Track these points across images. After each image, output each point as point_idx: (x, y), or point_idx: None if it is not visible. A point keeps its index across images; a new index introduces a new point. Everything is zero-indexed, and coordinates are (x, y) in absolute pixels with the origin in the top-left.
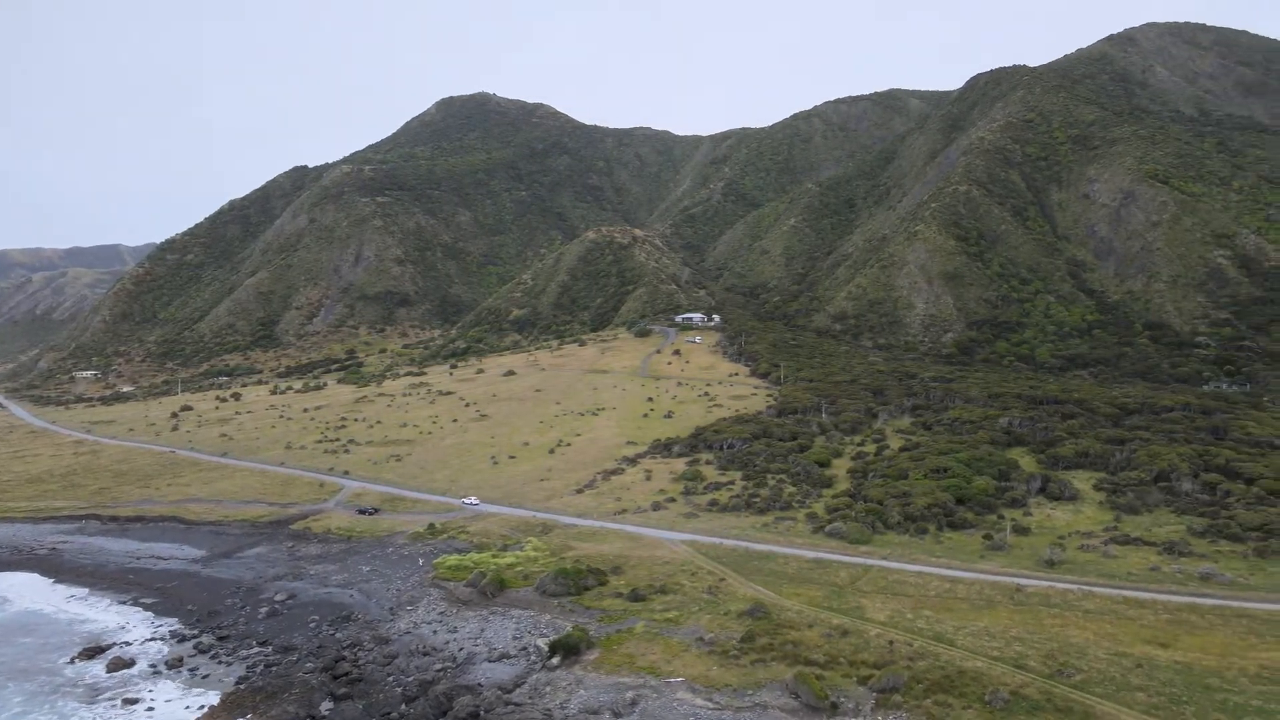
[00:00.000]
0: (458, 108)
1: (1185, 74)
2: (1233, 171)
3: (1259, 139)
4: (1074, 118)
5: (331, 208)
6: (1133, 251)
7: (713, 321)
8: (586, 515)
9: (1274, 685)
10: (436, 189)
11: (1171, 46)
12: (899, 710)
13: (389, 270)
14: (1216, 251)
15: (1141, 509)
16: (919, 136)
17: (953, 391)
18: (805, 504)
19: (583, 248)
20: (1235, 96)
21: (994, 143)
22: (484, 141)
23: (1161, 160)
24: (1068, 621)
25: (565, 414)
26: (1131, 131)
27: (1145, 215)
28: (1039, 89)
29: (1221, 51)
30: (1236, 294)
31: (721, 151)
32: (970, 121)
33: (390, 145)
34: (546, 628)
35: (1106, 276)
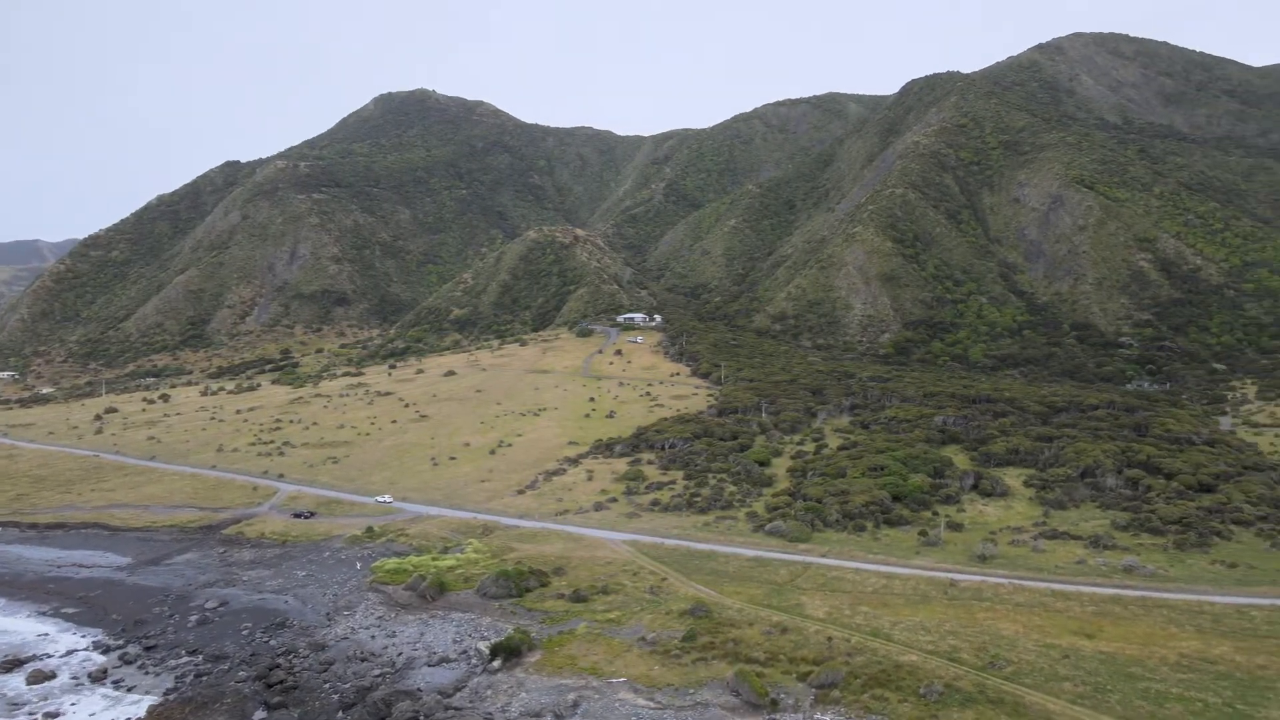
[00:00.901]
0: (397, 104)
1: (1110, 83)
2: (1154, 178)
3: (1178, 147)
4: (1005, 124)
5: (265, 204)
6: (1060, 254)
7: (654, 321)
8: (528, 516)
9: (1192, 673)
10: (375, 186)
11: (1097, 56)
12: (838, 705)
13: (326, 269)
14: (1139, 255)
15: (1069, 504)
16: (857, 140)
17: (890, 391)
18: (746, 503)
19: (524, 247)
20: (1156, 106)
21: (929, 147)
22: (424, 139)
23: (1087, 166)
24: (999, 614)
25: (507, 414)
26: (1059, 138)
27: (1072, 219)
28: (972, 95)
29: (1144, 62)
30: (1157, 296)
31: (663, 152)
32: (906, 126)
33: (327, 141)
34: (488, 630)
35: (1036, 278)
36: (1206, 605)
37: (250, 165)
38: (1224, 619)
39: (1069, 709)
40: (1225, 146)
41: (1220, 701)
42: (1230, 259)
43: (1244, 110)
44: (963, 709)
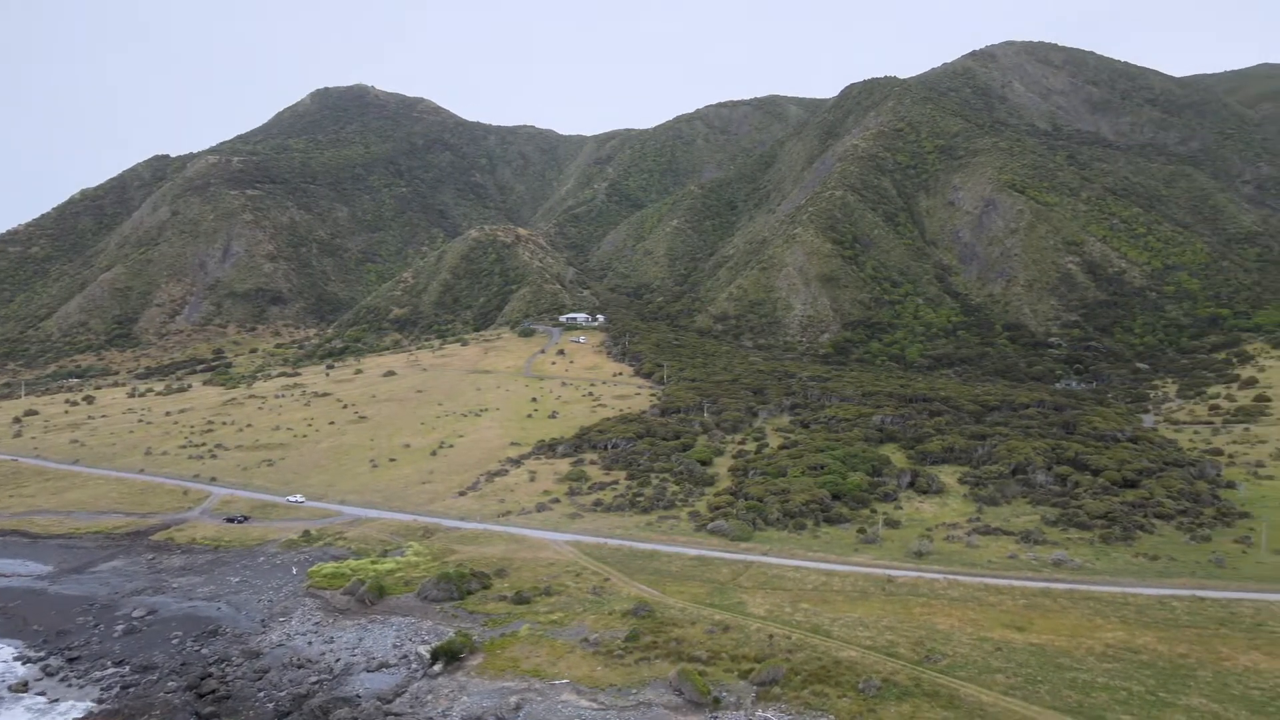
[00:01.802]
0: (334, 99)
1: (1040, 90)
2: (1081, 183)
3: (1104, 153)
4: (940, 129)
5: (196, 200)
6: (993, 256)
7: (597, 321)
8: (470, 518)
9: (1118, 663)
10: (312, 183)
11: (1027, 64)
12: (779, 702)
13: (260, 267)
14: (1067, 258)
15: (1001, 501)
16: (797, 142)
17: (829, 390)
18: (688, 502)
19: (466, 246)
20: (1084, 113)
21: (867, 150)
22: (362, 135)
23: (1019, 171)
24: (934, 609)
25: (448, 415)
26: (992, 143)
27: (1004, 223)
28: (908, 100)
29: (1072, 71)
30: (1084, 298)
31: (605, 152)
32: (845, 129)
33: (261, 136)
34: (429, 634)
35: (970, 280)
36: (1131, 597)
37: (180, 160)
38: (1147, 610)
39: (1001, 700)
40: (1148, 153)
41: (1144, 690)
42: (1152, 262)
43: (1165, 119)
44: (900, 702)
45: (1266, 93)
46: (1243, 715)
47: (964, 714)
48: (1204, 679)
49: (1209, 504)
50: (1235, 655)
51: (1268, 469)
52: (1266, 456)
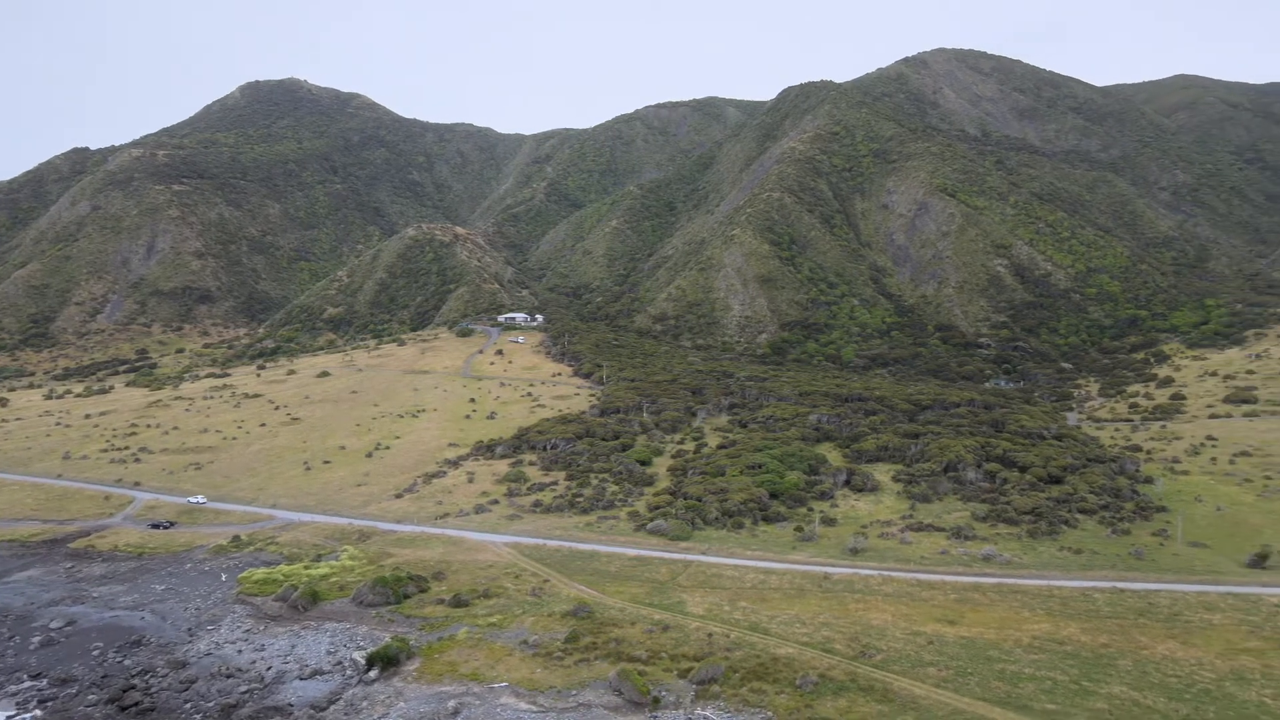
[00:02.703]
0: (265, 93)
1: (970, 97)
2: (1009, 188)
3: (1031, 159)
4: (875, 132)
5: (119, 195)
6: (926, 259)
7: (536, 321)
8: (407, 520)
9: (1044, 654)
10: (242, 179)
11: (958, 71)
12: (718, 700)
13: (187, 264)
14: (996, 260)
15: (933, 498)
16: (735, 144)
17: (767, 390)
18: (628, 502)
19: (402, 245)
20: (1011, 120)
21: (804, 153)
22: (295, 130)
23: (950, 175)
24: (869, 605)
25: (384, 416)
26: (925, 148)
27: (936, 225)
28: (844, 104)
29: (1000, 78)
30: (1012, 299)
31: (544, 151)
32: (783, 131)
33: (188, 129)
34: (364, 640)
35: (904, 281)
36: (1056, 589)
37: (101, 153)
38: (1071, 602)
39: (933, 693)
40: (1071, 160)
41: (1068, 679)
42: (1076, 265)
43: (1088, 126)
44: (836, 697)
45: (1181, 103)
46: (1160, 702)
47: (898, 707)
48: (1124, 668)
49: (1129, 499)
50: (1153, 644)
51: (1183, 465)
52: (1182, 453)
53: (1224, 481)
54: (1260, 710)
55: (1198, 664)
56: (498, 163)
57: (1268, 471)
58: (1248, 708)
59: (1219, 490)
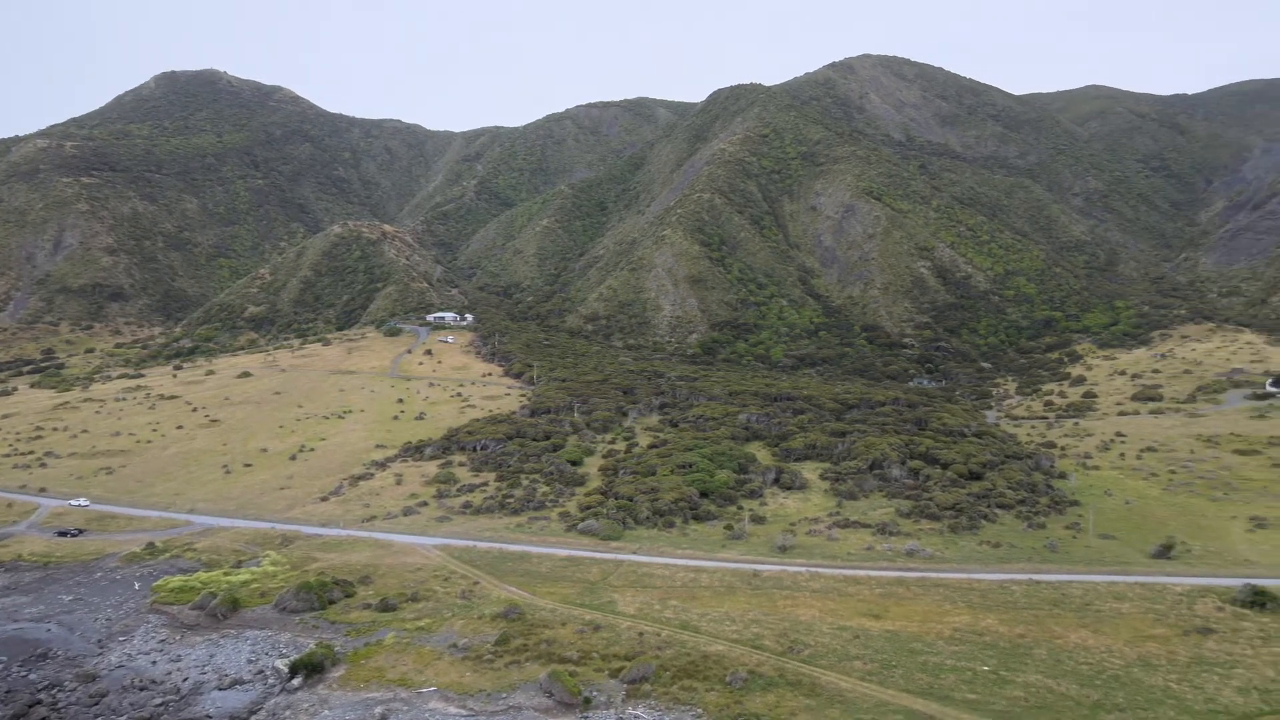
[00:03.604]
0: (182, 84)
1: (894, 103)
2: (932, 192)
3: (953, 165)
4: (803, 135)
5: (23, 187)
6: (852, 260)
7: (466, 321)
8: (332, 524)
9: (964, 645)
10: (157, 172)
11: (883, 77)
12: (649, 698)
13: (98, 260)
14: (919, 262)
15: (859, 495)
16: (666, 144)
17: (697, 390)
18: (559, 503)
19: (328, 242)
20: (934, 126)
21: (734, 155)
22: (214, 123)
23: (875, 179)
24: (797, 601)
25: (309, 417)
26: (851, 151)
27: (863, 228)
28: (773, 107)
29: (923, 85)
30: (935, 300)
31: (474, 149)
32: (713, 133)
33: (98, 120)
34: (287, 647)
35: (831, 282)
36: (976, 583)
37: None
38: (990, 594)
39: (859, 686)
40: (991, 165)
41: (987, 670)
42: (995, 268)
43: (1006, 133)
44: (765, 693)
45: (1093, 112)
46: (1073, 689)
47: (825, 701)
48: (1040, 657)
49: (1044, 494)
50: (1067, 633)
51: (1094, 460)
52: (1093, 448)
53: (1132, 476)
54: (1165, 694)
55: (1108, 651)
56: (427, 160)
57: (1172, 466)
58: (1154, 692)
59: (1127, 484)
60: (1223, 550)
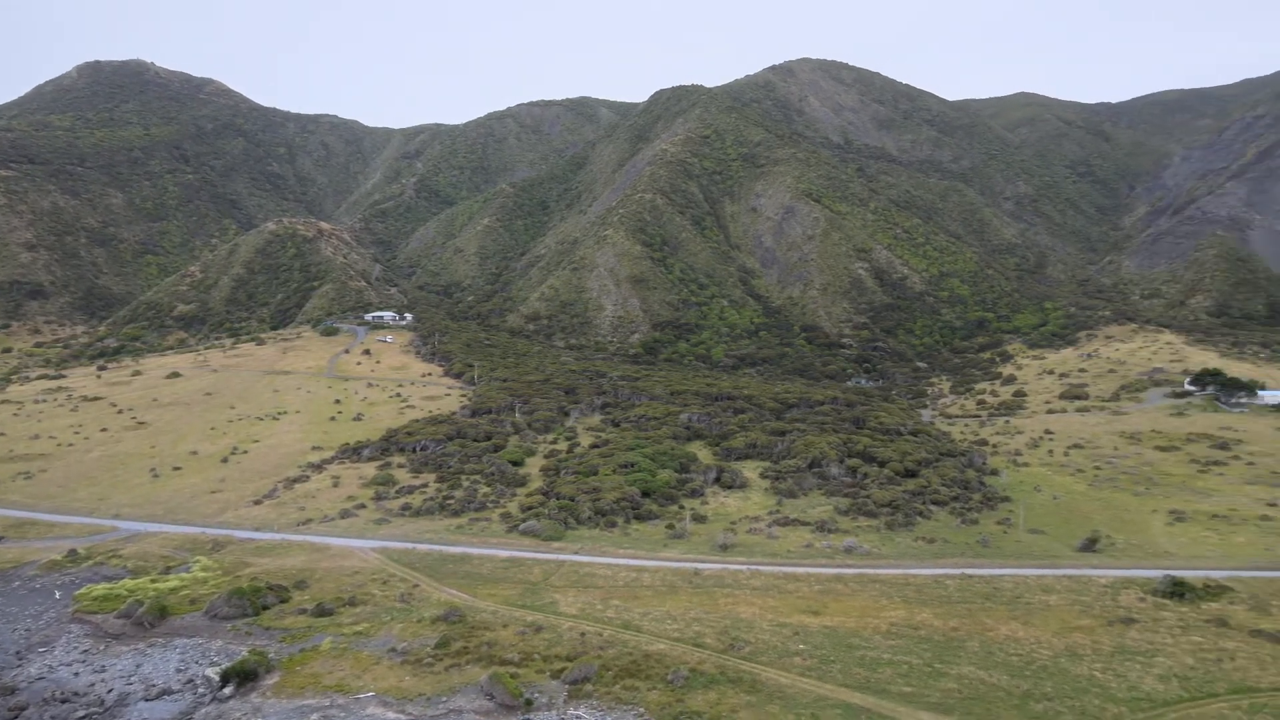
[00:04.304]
0: (107, 75)
1: (832, 106)
2: (869, 194)
3: (889, 168)
4: (744, 137)
5: None
6: (792, 261)
7: (405, 320)
8: (266, 528)
9: (900, 639)
10: (80, 165)
11: (822, 81)
12: (591, 699)
13: (16, 256)
14: (857, 264)
15: (799, 493)
16: (608, 144)
17: (639, 389)
18: (500, 503)
19: (262, 239)
20: (871, 129)
21: (676, 155)
22: (141, 116)
23: (815, 181)
24: (738, 599)
25: (241, 419)
26: (791, 153)
27: (802, 229)
28: (714, 108)
29: (861, 89)
30: (872, 301)
31: (414, 146)
32: (655, 134)
33: (16, 111)
34: (219, 655)
35: (771, 283)
36: (911, 578)
37: None
38: (925, 589)
39: (798, 681)
40: (925, 169)
41: (922, 663)
42: (930, 269)
43: (941, 138)
44: (706, 690)
45: (1023, 119)
46: (1004, 680)
47: (765, 697)
48: (973, 649)
49: (977, 490)
50: (998, 626)
51: (1024, 457)
52: (1023, 446)
53: (1059, 472)
54: (1090, 683)
55: (1037, 642)
56: (364, 157)
57: (1097, 462)
58: (1080, 681)
59: (1055, 480)
60: (1144, 543)
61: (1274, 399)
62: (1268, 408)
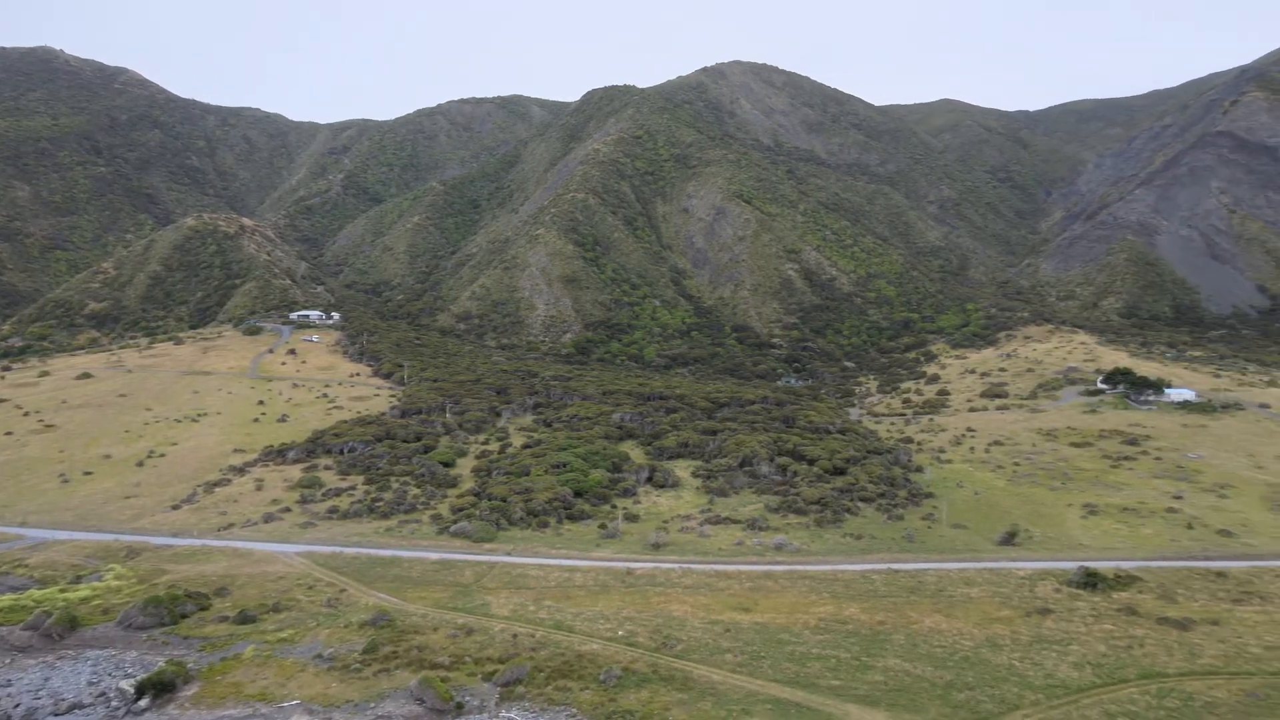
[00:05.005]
0: (12, 62)
1: (763, 109)
2: (799, 196)
3: (818, 170)
4: (676, 138)
5: None
6: (723, 262)
7: (332, 319)
8: (185, 533)
9: (829, 634)
10: None
11: (753, 83)
12: (523, 700)
13: None
14: (787, 265)
15: (730, 491)
16: (540, 143)
17: (571, 389)
18: (430, 505)
19: (180, 235)
20: (801, 132)
21: (608, 155)
22: (49, 105)
23: (746, 183)
24: (670, 597)
25: (158, 421)
26: (722, 155)
27: (733, 230)
28: (646, 109)
29: (791, 92)
30: (802, 302)
31: (341, 141)
32: (587, 133)
33: None
34: (133, 666)
35: (703, 284)
36: (840, 574)
37: None
38: (853, 584)
39: (730, 678)
40: (853, 172)
41: (849, 656)
42: (857, 270)
43: (868, 142)
44: (639, 689)
45: (946, 125)
46: (928, 671)
47: (696, 694)
48: (898, 642)
49: (902, 487)
50: (922, 619)
51: (948, 454)
52: (947, 443)
53: (981, 468)
54: (1010, 672)
55: (959, 634)
56: (290, 152)
57: (1016, 459)
58: (1000, 670)
59: (976, 476)
60: (1060, 536)
61: (1179, 397)
62: (1173, 405)
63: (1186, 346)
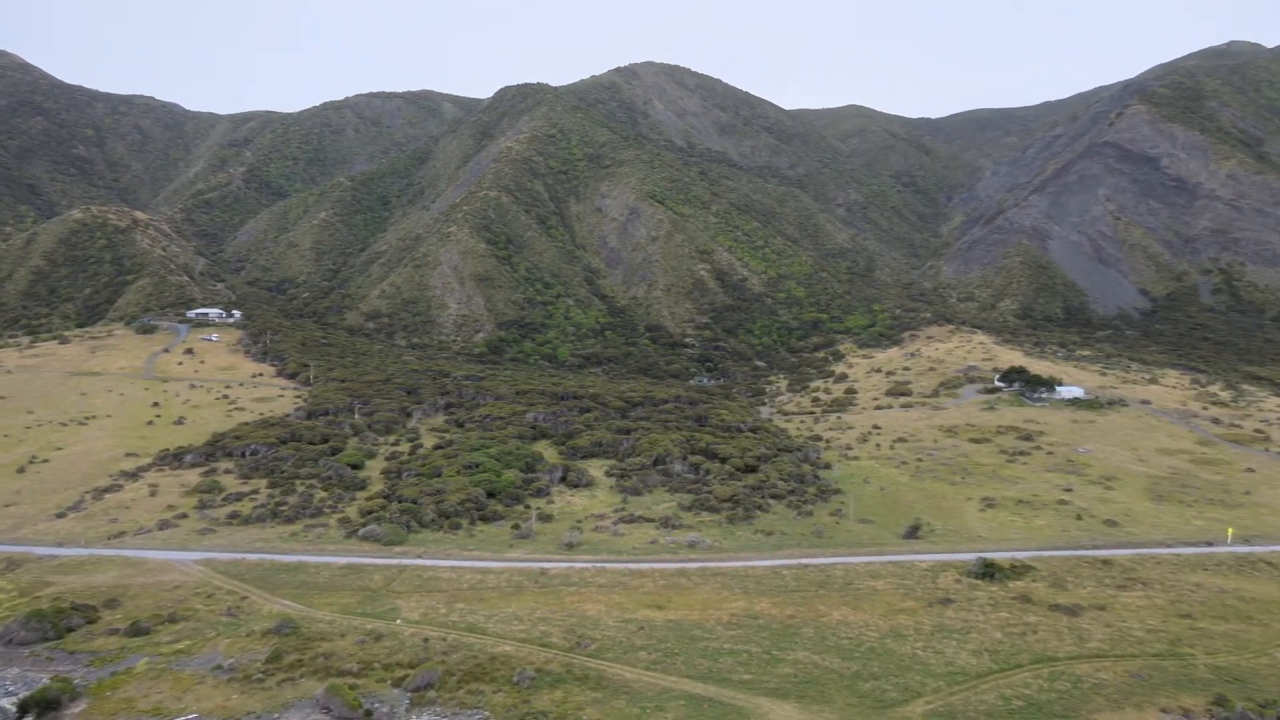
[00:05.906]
0: None
1: (676, 110)
2: (711, 198)
3: (730, 172)
4: (589, 137)
5: None
6: (637, 262)
7: (233, 318)
8: (71, 543)
9: (741, 629)
10: None
11: (666, 85)
12: (434, 705)
13: None
14: (700, 265)
15: (644, 490)
16: (452, 140)
17: (484, 389)
18: (338, 508)
19: (66, 228)
20: (713, 134)
21: (521, 153)
22: None
23: (659, 183)
24: (584, 597)
25: (42, 424)
26: (635, 155)
27: (646, 230)
28: (560, 107)
29: (703, 95)
30: (714, 302)
31: (243, 134)
32: (500, 131)
33: None
34: (15, 684)
35: (616, 283)
36: (751, 570)
37: None
38: (763, 580)
39: (644, 675)
40: (764, 175)
41: (761, 650)
42: (768, 271)
43: (778, 145)
44: (552, 690)
45: (854, 130)
46: (836, 662)
47: (611, 693)
48: (808, 635)
49: (812, 483)
50: (831, 612)
51: (855, 451)
52: (854, 440)
53: (886, 464)
54: (913, 661)
55: (865, 626)
56: (186, 143)
57: (919, 455)
58: (904, 660)
59: (882, 472)
60: (960, 528)
61: (1069, 394)
62: (1064, 402)
63: (1076, 346)
